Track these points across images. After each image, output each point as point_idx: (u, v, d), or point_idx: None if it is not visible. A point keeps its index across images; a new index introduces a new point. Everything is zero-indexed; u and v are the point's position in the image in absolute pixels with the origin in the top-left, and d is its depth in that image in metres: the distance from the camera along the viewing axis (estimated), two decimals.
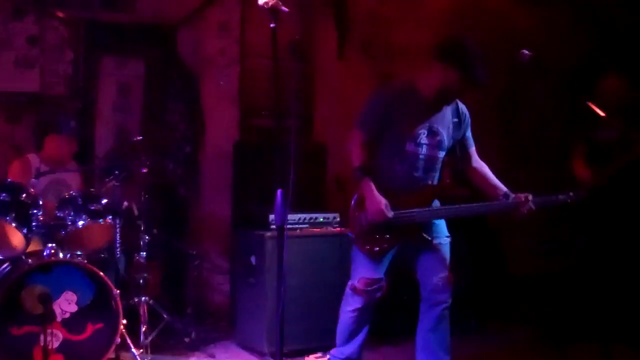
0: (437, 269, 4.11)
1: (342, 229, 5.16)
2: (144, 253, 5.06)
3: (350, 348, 4.24)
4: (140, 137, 5.09)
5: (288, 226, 3.88)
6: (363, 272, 4.14)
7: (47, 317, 4.15)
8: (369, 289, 4.11)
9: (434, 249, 4.13)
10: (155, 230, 5.32)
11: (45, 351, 4.10)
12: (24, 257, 4.54)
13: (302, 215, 5.25)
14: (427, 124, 4.08)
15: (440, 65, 3.98)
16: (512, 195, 4.06)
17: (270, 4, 3.26)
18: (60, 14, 6.24)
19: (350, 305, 4.21)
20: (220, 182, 6.44)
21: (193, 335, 5.30)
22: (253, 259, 5.17)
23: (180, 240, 6.25)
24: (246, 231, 5.40)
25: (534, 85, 7.23)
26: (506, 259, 6.71)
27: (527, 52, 4.07)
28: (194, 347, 5.23)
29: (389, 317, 5.22)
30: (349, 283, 4.22)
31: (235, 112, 6.59)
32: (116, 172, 4.90)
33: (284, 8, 3.29)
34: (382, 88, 4.26)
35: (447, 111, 4.16)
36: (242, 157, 6.33)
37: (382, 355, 5.22)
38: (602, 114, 4.30)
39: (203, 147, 6.53)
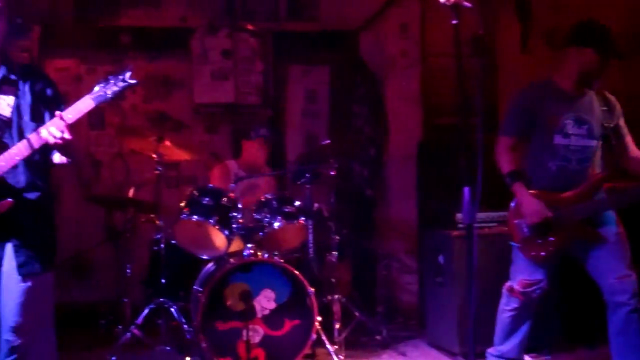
0: (611, 268, 3.88)
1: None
2: (335, 253, 5.20)
3: (507, 346, 4.19)
4: (329, 141, 5.22)
5: (476, 225, 3.85)
6: (523, 275, 4.08)
7: (249, 314, 4.41)
8: (527, 290, 4.05)
9: (605, 246, 3.92)
10: (345, 231, 5.45)
11: (248, 345, 4.35)
12: (226, 257, 4.82)
13: (490, 214, 5.15)
14: (572, 114, 3.98)
15: (575, 50, 3.97)
16: None
17: (451, 0, 3.26)
18: (250, 27, 6.62)
19: (507, 305, 4.17)
20: (405, 182, 6.48)
21: (384, 333, 5.37)
22: (441, 259, 5.15)
23: (369, 240, 6.36)
24: (433, 230, 5.39)
25: None
26: None
27: None
28: (385, 345, 5.30)
29: (585, 319, 5.02)
30: (506, 284, 4.17)
31: (418, 112, 6.60)
32: (307, 175, 5.08)
33: (466, 3, 3.26)
34: (519, 90, 4.22)
35: (594, 99, 4.04)
36: (426, 156, 6.32)
37: (578, 357, 5.03)
38: None
39: (387, 148, 6.61)
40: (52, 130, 2.94)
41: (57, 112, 2.98)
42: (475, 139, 3.69)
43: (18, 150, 3.00)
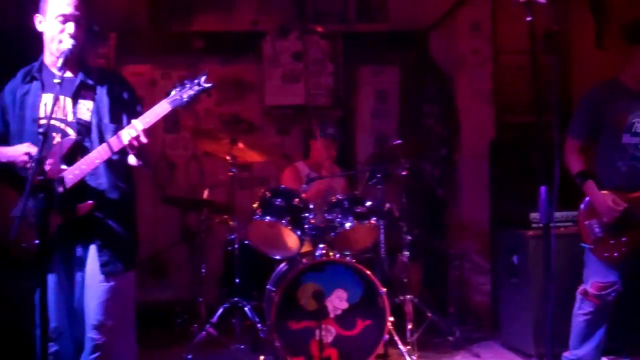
0: None
1: None
2: (407, 253, 5.19)
3: (583, 351, 4.15)
4: (400, 141, 5.21)
5: (553, 224, 3.79)
6: (597, 277, 4.04)
7: (322, 313, 4.44)
8: (601, 293, 4.01)
9: None
10: (416, 231, 5.43)
11: (321, 345, 4.39)
12: (298, 257, 4.87)
13: (565, 213, 5.05)
14: None
15: (638, 48, 3.95)
16: None
17: None
18: (320, 29, 6.67)
19: (581, 310, 4.14)
20: (477, 182, 6.43)
21: (457, 334, 5.33)
22: (515, 259, 5.09)
23: (440, 240, 6.33)
24: (506, 230, 5.32)
25: None
26: None
27: None
28: (458, 346, 5.26)
29: None
30: (580, 288, 4.14)
31: (490, 110, 6.54)
32: (378, 175, 5.08)
33: (540, 0, 3.22)
34: (585, 91, 4.22)
35: None
36: (498, 155, 6.26)
37: None
38: None
39: (459, 147, 6.56)
40: (130, 133, 3.03)
41: (133, 120, 3.08)
42: (549, 137, 3.63)
43: (98, 154, 3.09)
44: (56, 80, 2.95)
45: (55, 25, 3.15)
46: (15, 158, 3.10)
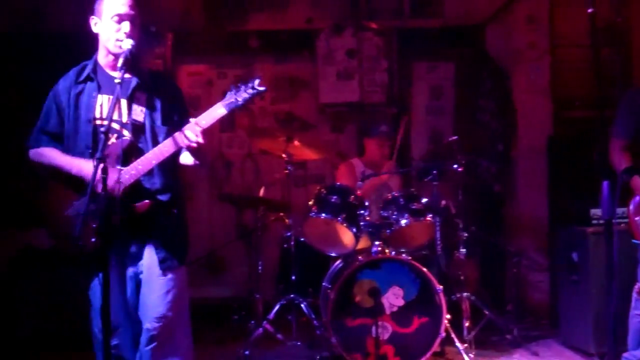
0: None
1: None
2: (464, 250, 5.15)
3: None
4: (456, 137, 5.17)
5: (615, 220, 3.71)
6: None
7: (378, 310, 4.44)
8: None
9: None
10: (472, 228, 5.39)
11: (377, 342, 4.38)
12: (354, 254, 4.87)
13: (626, 209, 4.93)
14: None
15: None
16: None
17: None
18: (374, 26, 6.67)
19: (637, 310, 4.05)
20: (535, 178, 6.35)
21: (515, 332, 5.27)
22: (575, 256, 5.00)
23: (497, 237, 6.25)
24: (565, 227, 5.24)
25: None
26: None
27: None
28: (516, 344, 5.20)
29: None
30: (636, 286, 4.06)
31: (548, 105, 6.45)
32: (434, 172, 5.04)
33: None
34: (626, 91, 4.21)
35: None
36: (557, 151, 6.17)
37: None
38: None
39: (516, 143, 6.48)
40: (188, 134, 3.08)
41: (192, 119, 3.12)
42: (609, 132, 3.55)
43: (154, 155, 3.14)
44: (117, 80, 2.98)
45: (111, 26, 3.19)
46: (87, 176, 3.08)
